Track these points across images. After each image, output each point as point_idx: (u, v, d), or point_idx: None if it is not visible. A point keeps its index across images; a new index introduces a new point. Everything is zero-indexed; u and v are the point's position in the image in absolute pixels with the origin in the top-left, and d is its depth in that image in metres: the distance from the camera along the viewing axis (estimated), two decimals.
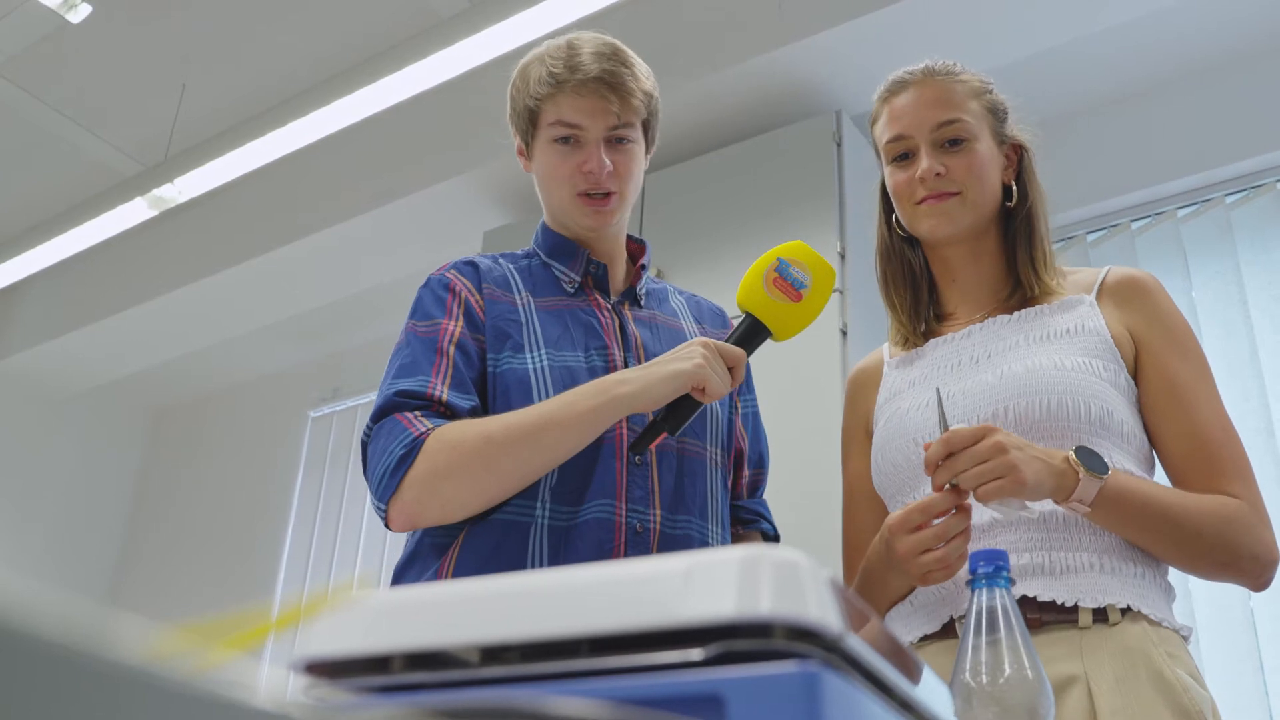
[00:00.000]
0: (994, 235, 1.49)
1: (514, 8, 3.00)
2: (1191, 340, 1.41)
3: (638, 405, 1.27)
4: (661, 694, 0.46)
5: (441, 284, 1.44)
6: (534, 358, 1.38)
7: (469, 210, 3.58)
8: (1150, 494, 1.27)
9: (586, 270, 1.49)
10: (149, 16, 3.67)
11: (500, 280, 1.46)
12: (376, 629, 0.54)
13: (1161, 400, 1.36)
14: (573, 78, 1.40)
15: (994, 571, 0.88)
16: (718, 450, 1.47)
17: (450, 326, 1.38)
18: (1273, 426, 2.58)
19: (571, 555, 1.29)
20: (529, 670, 0.50)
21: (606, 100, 1.40)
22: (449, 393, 1.32)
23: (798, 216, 2.87)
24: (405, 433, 1.28)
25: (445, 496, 1.27)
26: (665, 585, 0.49)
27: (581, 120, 1.41)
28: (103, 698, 0.23)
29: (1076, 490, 1.21)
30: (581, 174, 1.43)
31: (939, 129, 1.44)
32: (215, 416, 5.11)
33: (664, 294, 1.60)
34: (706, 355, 1.27)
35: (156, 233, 4.31)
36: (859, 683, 0.49)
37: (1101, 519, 1.26)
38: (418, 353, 1.36)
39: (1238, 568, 1.28)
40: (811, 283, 1.35)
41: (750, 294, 1.35)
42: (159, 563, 4.87)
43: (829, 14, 2.82)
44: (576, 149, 1.43)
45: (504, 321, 1.41)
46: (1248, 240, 2.83)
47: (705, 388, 1.26)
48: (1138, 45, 2.97)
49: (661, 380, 1.26)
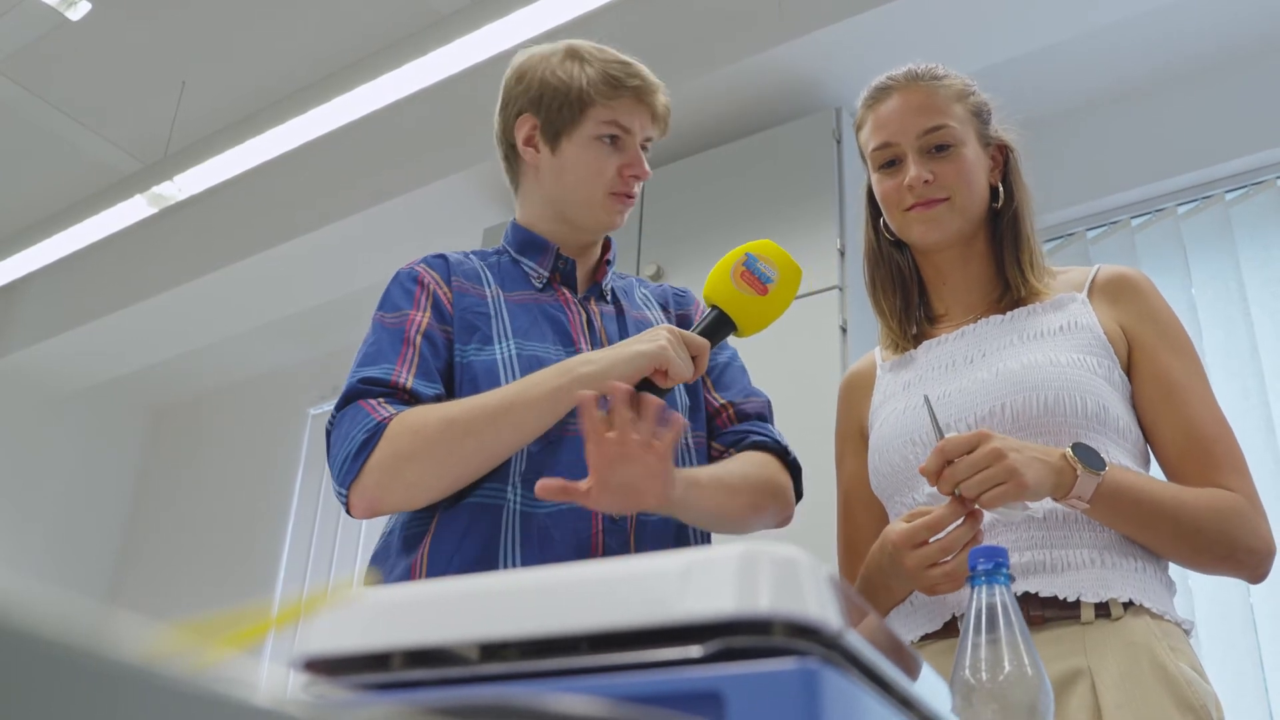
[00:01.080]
0: (983, 237, 1.49)
1: (513, 5, 3.00)
2: (1183, 336, 1.42)
3: (599, 384, 1.25)
4: (661, 691, 0.46)
5: (410, 277, 1.45)
6: (502, 348, 1.39)
7: (468, 207, 3.58)
8: (1148, 489, 1.27)
9: (555, 266, 1.51)
10: (148, 14, 3.67)
11: (470, 274, 1.47)
12: (376, 626, 0.54)
13: (1156, 396, 1.37)
14: (632, 83, 1.47)
15: (993, 568, 0.88)
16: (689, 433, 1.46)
17: (418, 317, 1.39)
18: (1273, 424, 2.58)
19: (548, 546, 1.29)
20: (528, 667, 0.50)
21: (655, 110, 1.48)
22: (414, 380, 1.32)
23: (798, 213, 2.86)
24: (368, 418, 1.28)
25: (408, 480, 1.26)
26: (664, 582, 0.49)
27: (633, 125, 1.47)
28: (102, 696, 0.23)
29: (1075, 487, 1.21)
30: (622, 176, 1.47)
31: (925, 135, 1.44)
32: (215, 414, 5.10)
33: (630, 287, 1.61)
34: (670, 339, 1.28)
35: (156, 230, 4.31)
36: (858, 680, 0.49)
37: (1100, 515, 1.26)
38: (383, 342, 1.37)
39: (1235, 560, 1.28)
40: (778, 277, 1.37)
41: (717, 286, 1.37)
42: (158, 561, 4.87)
43: (829, 10, 2.82)
44: (618, 151, 1.47)
45: (472, 314, 1.42)
46: (1248, 237, 2.83)
47: (668, 370, 1.27)
48: (1137, 42, 2.97)
49: (625, 360, 1.27)
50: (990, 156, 1.49)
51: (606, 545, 1.31)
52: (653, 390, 1.27)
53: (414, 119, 3.63)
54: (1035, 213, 1.50)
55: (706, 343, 1.33)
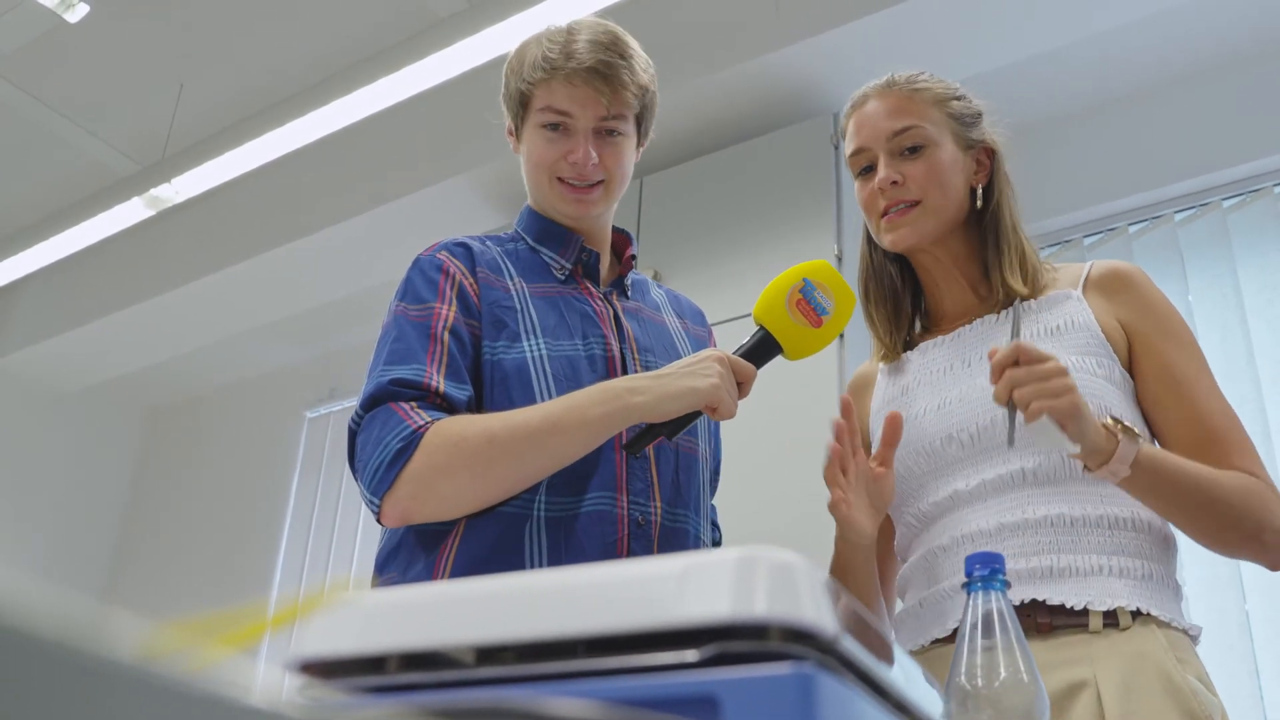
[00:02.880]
0: (966, 239, 1.49)
1: (512, 9, 3.00)
2: (1182, 327, 1.41)
3: (649, 417, 1.24)
4: (657, 695, 0.46)
5: (433, 265, 1.39)
6: (531, 346, 1.34)
7: (466, 211, 3.58)
8: (1180, 463, 1.26)
9: (579, 258, 1.47)
10: (146, 16, 3.67)
11: (492, 264, 1.42)
12: (372, 629, 0.54)
13: (1162, 391, 1.36)
14: (566, 65, 1.37)
15: (989, 575, 0.87)
16: (707, 448, 1.47)
17: (444, 310, 1.34)
18: (1269, 430, 2.58)
19: (574, 548, 1.27)
20: (524, 671, 0.50)
21: (598, 90, 1.38)
22: (445, 383, 1.28)
23: (795, 219, 2.87)
24: (402, 424, 1.24)
25: (443, 495, 1.23)
26: (661, 586, 0.49)
27: (571, 109, 1.39)
28: (98, 695, 0.23)
29: (1117, 451, 1.19)
30: (567, 163, 1.40)
31: (894, 137, 1.44)
32: (211, 416, 5.10)
33: (645, 286, 1.58)
34: (722, 374, 1.25)
35: (153, 232, 4.31)
36: (854, 684, 0.49)
37: (1135, 485, 1.24)
38: (410, 338, 1.32)
39: (1261, 542, 1.27)
40: (834, 309, 1.33)
41: (770, 310, 1.32)
42: (155, 561, 4.86)
43: (827, 15, 2.82)
44: (564, 137, 1.40)
45: (499, 309, 1.36)
46: (1245, 244, 2.84)
47: (717, 408, 1.25)
48: (1135, 49, 2.98)
49: (676, 395, 1.24)
50: (974, 160, 1.49)
51: (631, 550, 1.30)
52: (692, 416, 1.27)
53: (412, 122, 3.63)
54: (1022, 214, 1.49)
55: (755, 370, 1.31)
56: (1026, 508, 1.31)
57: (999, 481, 1.34)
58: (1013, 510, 1.31)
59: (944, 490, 1.38)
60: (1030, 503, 1.31)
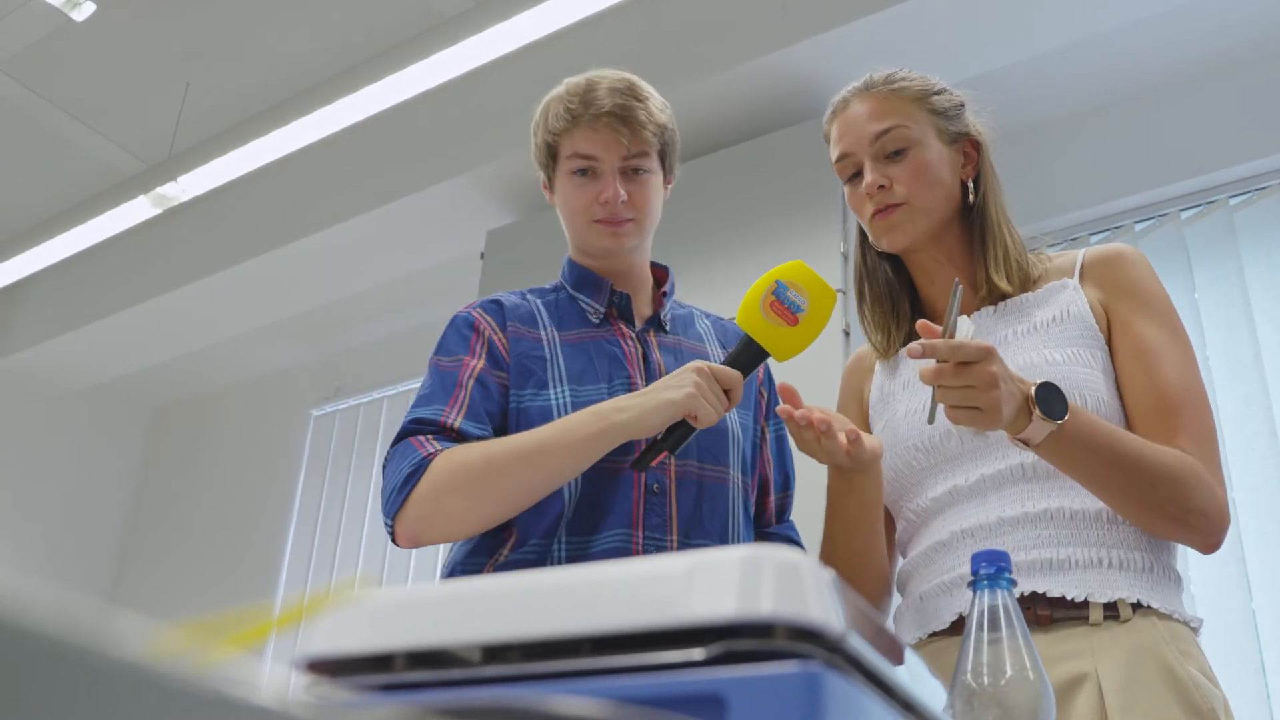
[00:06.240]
0: (961, 234, 1.48)
1: (516, 7, 3.00)
2: (1163, 305, 1.39)
3: (633, 432, 1.31)
4: (663, 694, 0.46)
5: (466, 322, 1.50)
6: (557, 393, 1.43)
7: (472, 209, 3.58)
8: (1107, 440, 1.23)
9: (611, 301, 1.53)
10: (153, 15, 3.68)
11: (526, 317, 1.51)
12: (378, 628, 0.54)
13: (1128, 362, 1.35)
14: (587, 112, 1.46)
15: (995, 573, 0.87)
16: (739, 474, 1.48)
17: (472, 363, 1.44)
18: (1275, 429, 2.57)
19: None
20: (531, 669, 0.50)
21: (618, 132, 1.46)
22: (462, 421, 1.38)
23: (801, 218, 2.86)
24: (415, 453, 1.35)
25: (447, 513, 1.32)
26: (667, 585, 0.49)
27: (596, 151, 1.47)
28: (104, 696, 0.23)
29: (1026, 430, 1.19)
30: (599, 204, 1.48)
31: (877, 140, 1.44)
32: (217, 415, 5.11)
33: (689, 319, 1.62)
34: (699, 383, 1.30)
35: (159, 231, 4.31)
36: (860, 683, 0.49)
37: (1049, 459, 1.25)
38: (437, 385, 1.43)
39: (1186, 523, 1.26)
40: (808, 306, 1.36)
41: (748, 316, 1.36)
42: (160, 561, 4.87)
43: (833, 14, 2.82)
44: (593, 180, 1.48)
45: (528, 359, 1.45)
46: (1251, 242, 2.83)
47: (696, 415, 1.29)
48: (1140, 47, 2.97)
49: (656, 409, 1.30)
50: (962, 152, 1.48)
51: None
52: (687, 429, 1.31)
53: (417, 121, 3.63)
54: (1011, 206, 1.48)
55: (738, 375, 1.34)
56: (1026, 502, 1.31)
57: (998, 476, 1.34)
58: (1012, 505, 1.32)
59: (943, 485, 1.38)
60: (1030, 497, 1.31)
